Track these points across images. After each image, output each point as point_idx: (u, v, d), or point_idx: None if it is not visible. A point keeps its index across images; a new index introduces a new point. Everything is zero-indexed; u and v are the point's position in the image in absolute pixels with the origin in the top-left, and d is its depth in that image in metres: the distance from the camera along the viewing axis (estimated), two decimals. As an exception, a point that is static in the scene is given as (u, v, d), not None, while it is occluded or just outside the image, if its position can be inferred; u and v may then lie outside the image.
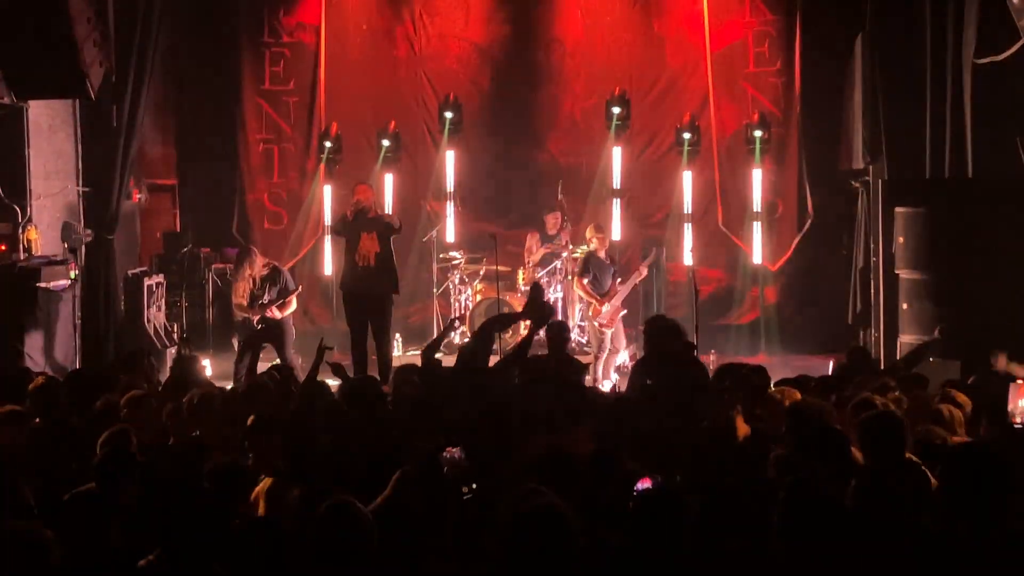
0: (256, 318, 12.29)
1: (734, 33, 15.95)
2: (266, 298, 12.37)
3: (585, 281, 13.66)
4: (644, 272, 13.91)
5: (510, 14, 16.31)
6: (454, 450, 4.78)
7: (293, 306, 12.58)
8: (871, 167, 14.14)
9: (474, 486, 4.59)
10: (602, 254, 13.70)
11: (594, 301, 13.53)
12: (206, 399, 7.28)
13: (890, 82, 13.60)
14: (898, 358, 11.57)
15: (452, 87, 16.27)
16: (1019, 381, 6.30)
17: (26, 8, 11.85)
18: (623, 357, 14.15)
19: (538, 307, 9.01)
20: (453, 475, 4.71)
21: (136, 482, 5.51)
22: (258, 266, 12.51)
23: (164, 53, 14.99)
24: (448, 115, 15.93)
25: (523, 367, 8.22)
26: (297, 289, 12.70)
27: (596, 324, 13.52)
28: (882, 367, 12.48)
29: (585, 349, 14.29)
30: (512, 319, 11.20)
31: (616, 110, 15.80)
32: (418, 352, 14.62)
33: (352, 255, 12.53)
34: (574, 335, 14.57)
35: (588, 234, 13.82)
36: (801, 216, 15.61)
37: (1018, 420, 6.21)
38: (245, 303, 12.42)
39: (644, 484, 5.08)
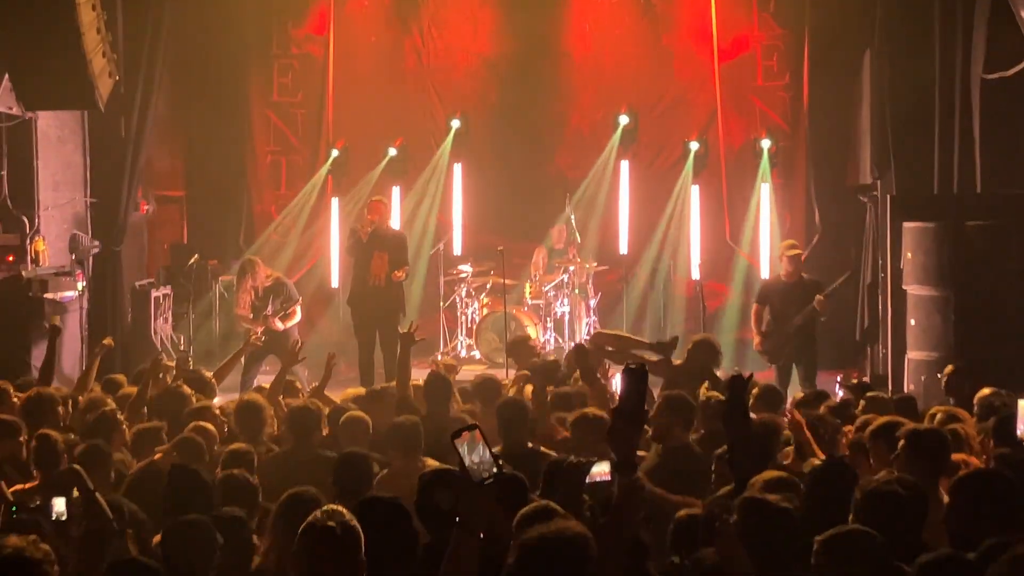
0: (259, 330, 12.29)
1: (742, 47, 15.94)
2: (269, 309, 12.38)
3: (760, 311, 12.25)
4: (821, 304, 11.90)
5: (518, 28, 16.30)
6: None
7: (297, 317, 12.59)
8: (879, 182, 14.11)
9: (494, 469, 4.50)
10: (790, 279, 12.16)
11: (756, 336, 12.31)
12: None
13: (898, 97, 13.58)
14: None
15: (460, 100, 16.30)
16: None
17: (36, 20, 11.89)
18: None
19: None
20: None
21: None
22: (261, 277, 12.52)
23: (172, 65, 15.02)
24: (454, 124, 15.97)
25: None
26: (299, 300, 12.71)
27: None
28: (890, 385, 12.48)
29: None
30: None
31: (624, 122, 15.82)
32: (424, 365, 14.72)
33: (364, 274, 12.59)
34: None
35: (779, 252, 12.65)
36: (809, 230, 15.57)
37: (1030, 438, 6.17)
38: (248, 315, 12.43)
39: (603, 476, 5.01)
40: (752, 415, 6.52)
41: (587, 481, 5.10)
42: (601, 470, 5.06)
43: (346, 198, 16.03)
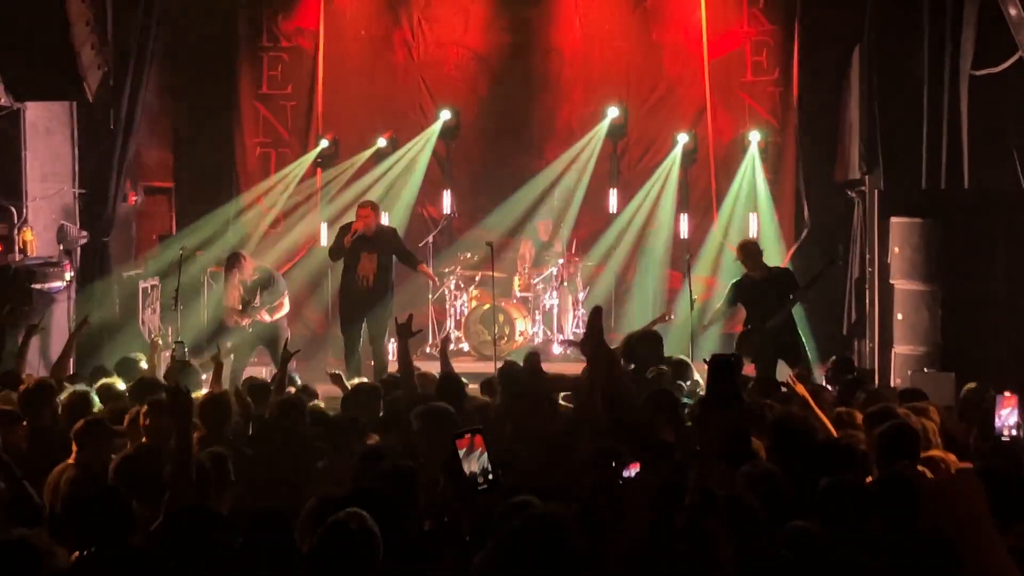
0: (246, 322, 12.29)
1: (732, 42, 15.96)
2: (257, 301, 12.38)
3: (726, 309, 11.89)
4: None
5: (509, 22, 16.31)
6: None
7: (285, 309, 12.60)
8: (867, 177, 14.15)
9: (490, 476, 4.50)
10: (759, 275, 11.67)
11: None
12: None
13: (887, 93, 13.62)
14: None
15: (450, 94, 16.29)
16: (1006, 393, 6.31)
17: (25, 11, 11.87)
18: None
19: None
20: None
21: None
22: (248, 270, 12.53)
23: (162, 56, 14.99)
24: (444, 116, 15.96)
25: None
26: (286, 292, 12.71)
27: None
28: (876, 379, 12.52)
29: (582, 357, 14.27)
30: None
31: (612, 114, 15.85)
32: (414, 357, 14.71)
33: (352, 274, 12.61)
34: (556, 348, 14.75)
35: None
36: (798, 226, 15.60)
37: (1005, 434, 6.22)
38: (237, 307, 12.43)
39: (633, 469, 5.00)
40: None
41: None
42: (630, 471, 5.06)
43: (329, 174, 16.02)
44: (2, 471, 5.31)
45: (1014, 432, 6.25)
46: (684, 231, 15.77)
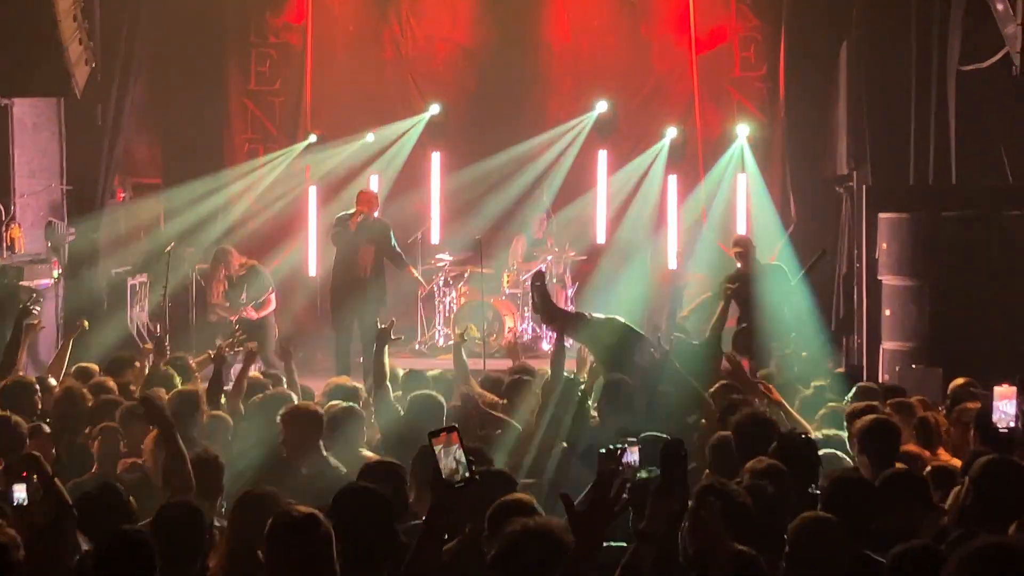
0: (232, 319, 12.27)
1: (720, 38, 15.99)
2: (243, 298, 12.36)
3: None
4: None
5: (497, 17, 16.30)
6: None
7: (272, 306, 12.57)
8: (855, 173, 14.16)
9: (467, 473, 4.50)
10: (753, 271, 11.92)
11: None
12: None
13: (875, 88, 13.64)
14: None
15: (438, 89, 16.28)
16: (1004, 385, 6.31)
17: (12, 6, 11.85)
18: None
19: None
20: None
21: None
22: (234, 266, 12.51)
23: (150, 52, 14.97)
24: (432, 109, 15.94)
25: None
26: (273, 288, 12.68)
27: None
28: (864, 375, 12.53)
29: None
30: None
31: (601, 108, 15.87)
32: (404, 355, 14.71)
33: (348, 265, 12.53)
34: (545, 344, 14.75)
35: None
36: (785, 221, 15.62)
37: (1002, 426, 6.22)
38: (223, 303, 12.41)
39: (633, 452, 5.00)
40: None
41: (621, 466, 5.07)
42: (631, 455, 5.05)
43: (317, 169, 16.02)
44: (37, 469, 5.29)
45: (1011, 424, 6.22)
46: (672, 226, 15.77)
